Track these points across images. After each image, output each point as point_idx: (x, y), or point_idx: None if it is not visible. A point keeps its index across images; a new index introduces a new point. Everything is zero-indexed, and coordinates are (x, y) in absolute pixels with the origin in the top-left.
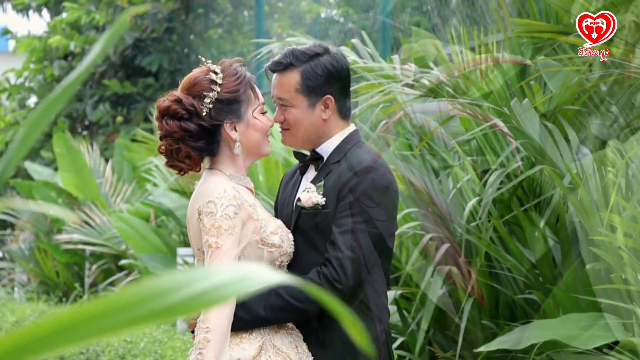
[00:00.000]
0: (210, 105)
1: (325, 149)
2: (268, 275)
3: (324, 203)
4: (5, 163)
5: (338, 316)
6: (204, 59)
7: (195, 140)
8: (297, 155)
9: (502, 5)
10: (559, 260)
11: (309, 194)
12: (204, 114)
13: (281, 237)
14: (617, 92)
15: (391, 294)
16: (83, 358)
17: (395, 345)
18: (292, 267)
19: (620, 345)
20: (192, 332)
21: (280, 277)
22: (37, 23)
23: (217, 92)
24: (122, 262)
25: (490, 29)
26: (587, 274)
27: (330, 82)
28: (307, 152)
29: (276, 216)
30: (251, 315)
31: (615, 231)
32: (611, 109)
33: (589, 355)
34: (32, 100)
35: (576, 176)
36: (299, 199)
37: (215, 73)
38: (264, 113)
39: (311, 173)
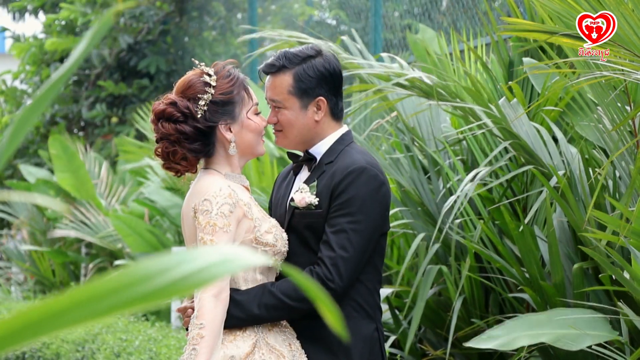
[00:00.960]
0: (205, 107)
1: (318, 150)
2: (252, 258)
3: (317, 203)
4: None
5: (316, 302)
6: (197, 62)
7: (191, 142)
8: (291, 155)
9: (488, 10)
10: (547, 260)
11: (302, 194)
12: (198, 116)
13: (275, 236)
14: (601, 93)
15: (383, 292)
16: (79, 356)
17: (387, 343)
18: None
19: (608, 344)
20: (187, 329)
21: (263, 260)
22: (34, 25)
23: (211, 94)
24: (118, 262)
25: (479, 32)
26: (574, 273)
27: (323, 83)
28: (301, 153)
29: (270, 215)
30: (245, 314)
31: (603, 230)
32: (596, 110)
33: (578, 353)
34: (29, 102)
35: (562, 177)
36: (292, 199)
37: (209, 75)
38: (257, 114)
39: (304, 173)
